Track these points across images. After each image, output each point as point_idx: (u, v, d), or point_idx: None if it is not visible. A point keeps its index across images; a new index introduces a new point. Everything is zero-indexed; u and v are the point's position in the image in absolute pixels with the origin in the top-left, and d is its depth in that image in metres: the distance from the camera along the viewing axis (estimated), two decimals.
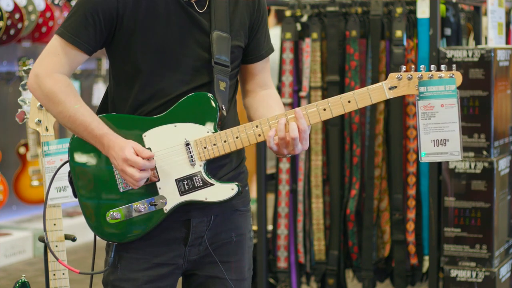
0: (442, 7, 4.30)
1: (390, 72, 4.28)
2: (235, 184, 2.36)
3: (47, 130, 3.01)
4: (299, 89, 4.55)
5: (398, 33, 4.29)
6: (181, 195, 2.35)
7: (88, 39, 2.34)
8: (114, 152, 2.30)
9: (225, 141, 2.34)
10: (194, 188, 2.35)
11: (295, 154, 2.42)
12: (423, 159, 2.37)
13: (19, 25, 6.33)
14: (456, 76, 2.34)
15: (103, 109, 2.47)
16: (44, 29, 6.60)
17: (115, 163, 2.31)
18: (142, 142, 2.35)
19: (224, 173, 2.42)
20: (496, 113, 4.02)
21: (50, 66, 2.34)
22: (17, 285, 3.10)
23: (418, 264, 4.41)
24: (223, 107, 2.36)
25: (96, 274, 2.49)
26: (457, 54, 4.02)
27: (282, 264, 4.60)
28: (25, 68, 3.09)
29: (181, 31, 2.36)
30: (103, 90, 7.40)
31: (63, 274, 3.01)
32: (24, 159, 6.61)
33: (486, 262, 4.01)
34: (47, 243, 2.67)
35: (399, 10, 4.31)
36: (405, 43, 4.29)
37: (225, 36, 2.39)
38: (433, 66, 2.36)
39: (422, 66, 2.36)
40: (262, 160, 4.56)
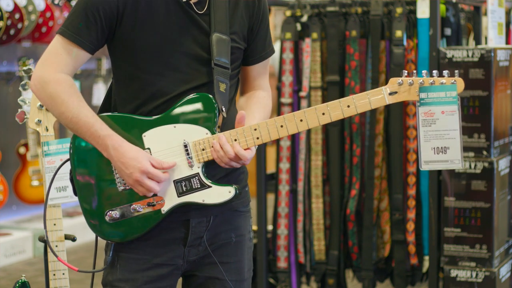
0: (442, 7, 4.30)
1: (390, 72, 4.31)
2: (233, 187, 2.35)
3: (47, 130, 3.01)
4: (299, 89, 4.54)
5: (398, 33, 4.29)
6: (178, 196, 2.34)
7: (90, 37, 2.33)
8: (124, 159, 2.29)
9: None
10: (191, 190, 2.34)
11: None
12: (423, 167, 2.34)
13: (19, 25, 6.33)
14: (458, 83, 2.30)
15: (104, 108, 2.47)
16: (44, 29, 6.60)
17: (124, 170, 2.30)
18: (141, 142, 2.35)
19: (223, 174, 2.41)
20: (496, 113, 4.02)
21: (53, 66, 2.33)
22: (17, 285, 3.10)
23: (418, 264, 4.41)
24: (223, 109, 2.36)
25: (96, 274, 2.50)
26: (457, 54, 4.02)
27: (282, 264, 4.60)
28: (25, 68, 3.08)
29: (180, 31, 2.36)
30: (103, 90, 7.40)
31: (63, 274, 3.01)
32: (24, 159, 6.60)
33: (486, 262, 4.00)
34: (47, 241, 2.68)
35: (399, 10, 4.31)
36: (405, 43, 4.29)
37: (224, 39, 2.38)
38: (435, 72, 2.32)
39: (424, 72, 2.32)
40: (262, 160, 4.56)
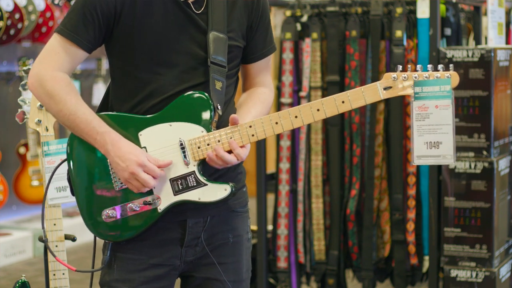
0: (442, 7, 4.30)
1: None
2: (229, 185, 2.34)
3: (47, 130, 3.01)
4: (299, 89, 4.54)
5: (398, 33, 4.29)
6: (175, 194, 2.34)
7: (88, 36, 2.33)
8: (121, 153, 2.29)
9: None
10: (187, 188, 2.34)
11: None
12: (416, 161, 2.34)
13: (19, 25, 6.33)
14: (452, 77, 2.29)
15: (102, 108, 2.47)
16: (44, 29, 6.60)
17: (120, 164, 2.30)
18: (138, 141, 2.35)
19: (220, 173, 2.41)
20: (496, 113, 4.02)
21: (51, 64, 2.34)
22: (17, 285, 3.10)
23: (418, 264, 4.41)
24: (219, 107, 2.35)
25: (96, 274, 2.50)
26: (457, 54, 4.02)
27: (282, 264, 4.60)
28: (25, 68, 3.09)
29: (178, 30, 2.36)
30: (103, 90, 7.40)
31: (63, 274, 3.01)
32: (24, 159, 6.60)
33: (486, 262, 4.00)
34: (45, 240, 2.68)
35: (399, 10, 4.31)
36: (405, 43, 4.29)
37: (222, 37, 2.38)
38: (430, 66, 2.32)
39: (419, 66, 2.32)
40: (262, 160, 4.56)
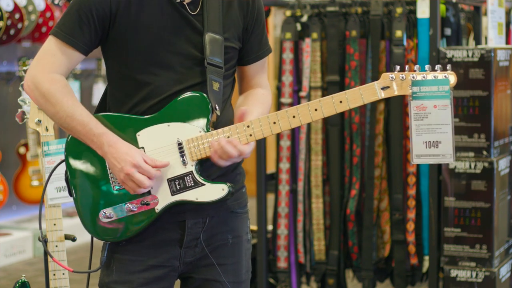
0: (442, 7, 4.30)
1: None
2: (226, 185, 2.34)
3: (47, 130, 3.01)
4: (299, 89, 4.54)
5: (398, 33, 4.29)
6: (172, 194, 2.34)
7: (83, 38, 2.33)
8: (118, 154, 2.29)
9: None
10: (185, 188, 2.34)
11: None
12: (415, 161, 2.34)
13: (19, 25, 6.33)
14: (450, 77, 2.30)
15: (100, 109, 2.47)
16: (44, 29, 6.60)
17: (116, 165, 2.30)
18: (136, 141, 2.34)
19: (218, 173, 2.41)
20: (496, 113, 4.02)
21: (47, 66, 2.33)
22: (17, 285, 3.11)
23: (418, 264, 4.41)
24: (217, 107, 2.35)
25: (94, 274, 2.49)
26: (457, 54, 4.02)
27: (282, 264, 4.60)
28: (25, 68, 3.09)
29: (173, 31, 2.35)
30: (103, 90, 7.40)
31: (63, 274, 3.01)
32: (24, 159, 6.60)
33: (486, 262, 4.00)
34: (42, 241, 2.68)
35: (399, 10, 4.31)
36: (405, 43, 4.29)
37: (218, 38, 2.38)
38: (428, 66, 2.32)
39: (416, 66, 2.33)
40: (262, 160, 4.56)
